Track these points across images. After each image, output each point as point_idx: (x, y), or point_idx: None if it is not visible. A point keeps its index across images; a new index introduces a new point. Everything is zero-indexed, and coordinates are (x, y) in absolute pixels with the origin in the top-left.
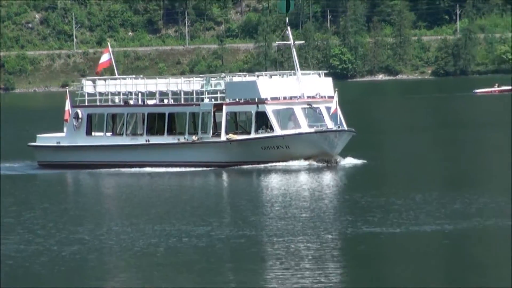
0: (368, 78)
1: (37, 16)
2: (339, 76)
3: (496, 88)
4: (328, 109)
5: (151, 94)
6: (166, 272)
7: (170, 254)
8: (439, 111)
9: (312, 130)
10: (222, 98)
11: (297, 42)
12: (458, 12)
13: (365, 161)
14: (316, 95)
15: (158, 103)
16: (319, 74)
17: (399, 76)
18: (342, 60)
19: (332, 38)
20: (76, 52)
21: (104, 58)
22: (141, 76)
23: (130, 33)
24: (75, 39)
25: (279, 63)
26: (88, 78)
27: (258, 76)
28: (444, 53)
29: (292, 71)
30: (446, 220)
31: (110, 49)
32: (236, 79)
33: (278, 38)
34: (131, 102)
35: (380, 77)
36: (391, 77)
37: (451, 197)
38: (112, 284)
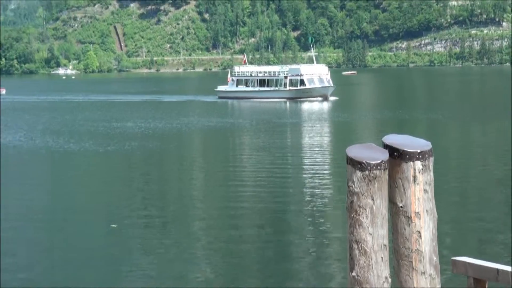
0: None
1: (168, 44)
2: None
3: (350, 72)
4: (326, 78)
5: (260, 71)
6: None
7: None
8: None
9: (320, 86)
10: (287, 73)
11: (314, 54)
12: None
13: (337, 97)
14: (322, 72)
15: (263, 74)
16: (323, 65)
17: None
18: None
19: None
20: (183, 58)
21: (244, 58)
22: (255, 64)
23: (200, 51)
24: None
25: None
26: (236, 65)
27: (300, 65)
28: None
29: (313, 64)
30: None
31: (246, 56)
32: (292, 66)
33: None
34: (253, 74)
35: None
36: None
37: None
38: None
